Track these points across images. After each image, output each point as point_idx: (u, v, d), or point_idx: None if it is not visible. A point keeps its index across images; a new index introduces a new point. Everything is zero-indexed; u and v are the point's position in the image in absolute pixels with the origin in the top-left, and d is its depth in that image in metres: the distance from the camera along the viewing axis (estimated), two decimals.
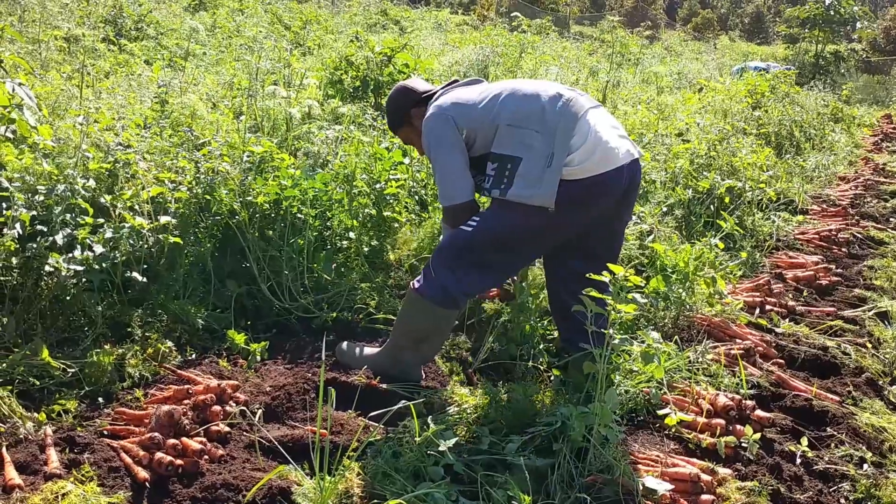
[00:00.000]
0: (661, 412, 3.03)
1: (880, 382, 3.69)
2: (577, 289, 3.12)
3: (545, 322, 3.70)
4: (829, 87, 17.78)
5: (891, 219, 7.11)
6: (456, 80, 3.40)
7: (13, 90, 3.38)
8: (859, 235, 6.29)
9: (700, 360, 3.51)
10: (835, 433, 3.13)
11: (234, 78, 6.42)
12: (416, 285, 3.17)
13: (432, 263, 3.16)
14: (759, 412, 3.12)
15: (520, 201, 2.95)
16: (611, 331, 2.76)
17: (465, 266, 3.11)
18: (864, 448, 3.05)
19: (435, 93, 3.37)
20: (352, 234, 4.18)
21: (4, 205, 3.15)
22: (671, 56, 21.24)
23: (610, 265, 2.73)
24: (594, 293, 2.74)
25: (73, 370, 2.98)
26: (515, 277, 3.73)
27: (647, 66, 15.43)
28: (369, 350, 3.43)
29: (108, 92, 5.30)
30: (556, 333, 3.58)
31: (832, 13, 21.34)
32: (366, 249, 4.21)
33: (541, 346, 3.54)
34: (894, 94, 21.67)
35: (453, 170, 3.11)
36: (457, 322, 3.46)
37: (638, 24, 26.57)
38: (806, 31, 22.31)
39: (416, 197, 4.79)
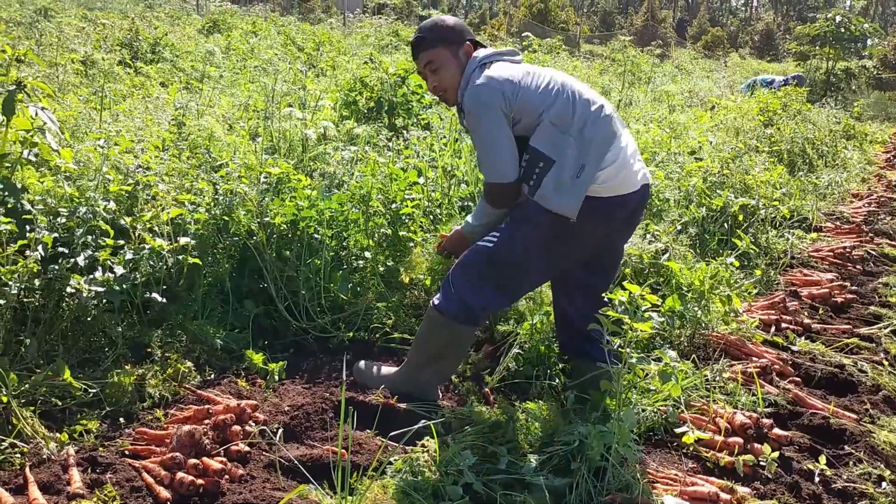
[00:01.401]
0: (678, 431, 3.03)
1: None
2: (576, 297, 3.25)
3: None
4: (841, 104, 17.76)
5: None
6: (496, 52, 3.24)
7: (36, 114, 3.44)
8: (874, 252, 6.27)
9: (717, 378, 3.52)
10: (853, 451, 3.12)
11: (250, 100, 6.49)
12: (436, 302, 3.19)
13: (452, 279, 3.17)
14: (776, 430, 3.12)
15: (545, 205, 2.96)
16: (627, 349, 2.78)
17: (486, 281, 3.12)
18: (882, 466, 3.04)
19: (470, 38, 3.23)
20: (368, 254, 4.20)
21: (27, 227, 3.20)
22: (682, 74, 21.29)
23: (626, 284, 2.75)
24: (610, 312, 2.76)
25: (94, 390, 3.01)
26: None
27: (659, 85, 15.48)
28: (387, 369, 3.45)
29: (126, 114, 5.37)
30: None
31: (843, 31, 21.29)
32: (381, 269, 4.24)
33: (559, 367, 3.55)
34: None
35: (504, 146, 3.02)
36: (476, 336, 3.48)
37: (648, 43, 26.61)
38: (816, 48, 22.29)
39: (431, 216, 4.82)
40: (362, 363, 3.51)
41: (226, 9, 21.67)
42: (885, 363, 4.06)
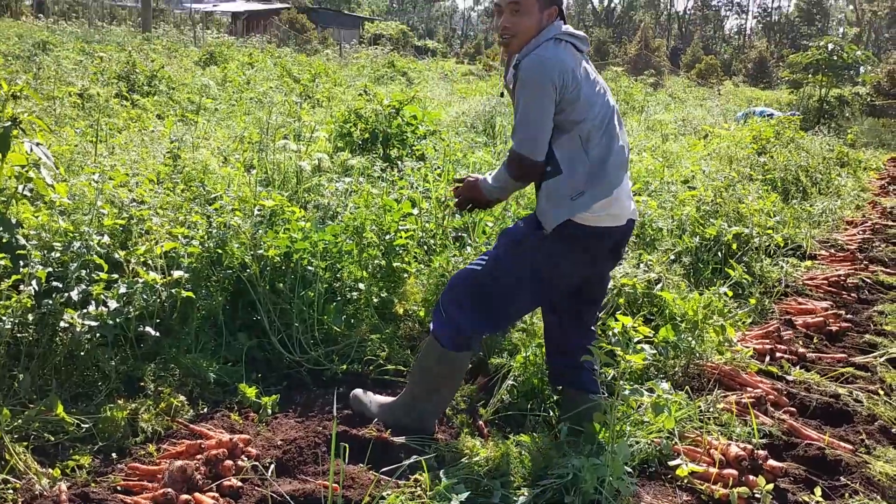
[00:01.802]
0: (672, 463, 3.02)
1: (893, 430, 3.67)
2: (565, 326, 3.29)
3: None
4: (834, 132, 17.86)
5: None
6: (573, 33, 3.12)
7: (31, 149, 3.46)
8: (868, 280, 6.27)
9: (711, 409, 3.51)
10: (848, 482, 3.11)
11: (245, 132, 6.53)
12: (431, 328, 3.20)
13: (442, 303, 3.17)
14: (771, 462, 3.11)
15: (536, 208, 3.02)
16: (621, 381, 2.78)
17: (475, 305, 3.12)
18: (878, 497, 3.03)
19: (559, 4, 3.11)
20: (362, 286, 4.21)
21: (21, 262, 3.20)
22: (675, 103, 21.42)
23: (619, 315, 2.76)
24: (603, 343, 2.76)
25: (87, 425, 3.00)
26: None
27: (652, 114, 15.57)
28: (383, 399, 3.44)
29: (122, 147, 5.40)
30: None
31: (835, 58, 21.50)
32: (375, 301, 4.24)
33: (553, 399, 3.54)
34: None
35: (544, 125, 2.97)
36: (469, 365, 3.47)
37: (642, 72, 26.84)
38: (809, 76, 22.49)
39: (425, 247, 4.83)
40: (359, 391, 3.50)
41: (223, 41, 21.88)
42: (881, 392, 4.05)
